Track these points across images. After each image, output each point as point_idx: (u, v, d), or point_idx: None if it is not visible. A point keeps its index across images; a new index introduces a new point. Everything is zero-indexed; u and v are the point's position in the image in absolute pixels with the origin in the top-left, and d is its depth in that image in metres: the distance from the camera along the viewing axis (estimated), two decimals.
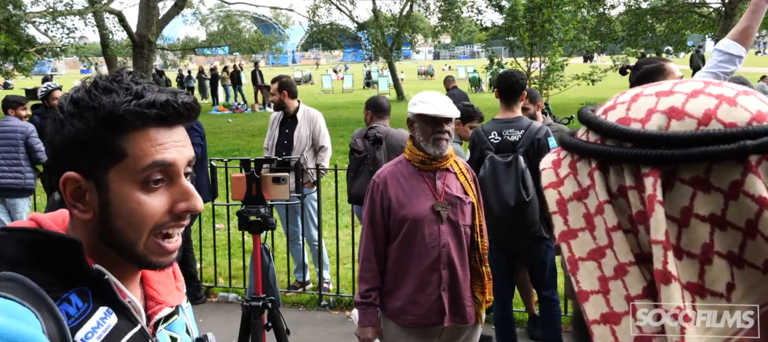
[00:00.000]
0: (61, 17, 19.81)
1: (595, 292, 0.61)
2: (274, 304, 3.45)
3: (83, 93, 0.93)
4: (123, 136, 0.92)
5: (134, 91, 0.92)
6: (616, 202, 0.62)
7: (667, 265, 0.57)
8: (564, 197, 0.66)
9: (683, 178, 0.58)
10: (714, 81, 0.64)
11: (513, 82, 3.98)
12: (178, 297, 1.11)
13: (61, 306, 0.90)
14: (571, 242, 0.64)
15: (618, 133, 0.61)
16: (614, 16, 23.57)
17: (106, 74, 0.96)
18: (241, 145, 14.10)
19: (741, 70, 9.74)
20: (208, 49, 29.80)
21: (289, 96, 5.45)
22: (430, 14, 28.30)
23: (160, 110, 0.92)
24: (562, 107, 16.94)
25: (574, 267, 0.63)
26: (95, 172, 0.93)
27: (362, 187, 4.65)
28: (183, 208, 0.96)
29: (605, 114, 0.65)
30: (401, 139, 4.78)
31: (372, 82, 32.98)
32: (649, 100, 0.62)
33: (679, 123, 0.59)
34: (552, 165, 0.69)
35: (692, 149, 0.57)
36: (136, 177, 0.92)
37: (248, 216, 3.40)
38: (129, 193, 0.93)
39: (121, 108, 0.90)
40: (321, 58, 71.41)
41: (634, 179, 0.60)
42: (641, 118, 0.61)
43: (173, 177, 0.95)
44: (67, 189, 0.94)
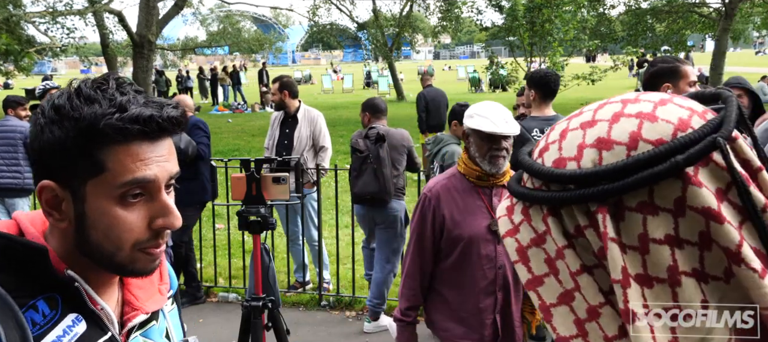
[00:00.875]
0: (61, 17, 19.80)
1: (574, 336, 0.61)
2: (274, 304, 3.45)
3: (65, 100, 0.88)
4: (103, 149, 0.87)
5: (118, 103, 0.87)
6: (576, 242, 0.62)
7: (628, 303, 0.57)
8: (523, 245, 0.65)
9: (631, 206, 0.58)
10: (630, 97, 0.63)
11: (551, 79, 4.02)
12: (157, 301, 1.07)
13: (27, 313, 0.88)
14: (539, 289, 0.63)
15: (557, 178, 0.61)
16: (614, 16, 23.56)
17: (92, 79, 0.91)
18: (241, 145, 14.10)
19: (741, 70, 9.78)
20: (208, 49, 29.80)
21: (290, 96, 5.45)
22: (430, 14, 28.30)
23: (143, 126, 0.87)
24: (562, 107, 16.92)
25: (547, 314, 0.63)
26: (72, 183, 0.89)
27: (365, 187, 4.65)
28: (160, 224, 0.92)
29: (541, 156, 0.65)
30: (401, 138, 4.79)
31: (372, 82, 32.99)
32: (576, 134, 0.62)
33: (610, 153, 0.59)
34: (506, 212, 0.68)
35: (628, 178, 0.57)
36: (114, 192, 0.89)
37: (248, 216, 3.40)
38: (106, 207, 0.89)
39: (103, 121, 0.86)
40: (321, 58, 71.44)
41: (587, 218, 0.60)
42: (574, 155, 0.61)
43: (153, 192, 0.91)
44: (42, 196, 0.91)
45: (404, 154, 4.78)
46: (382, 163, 4.58)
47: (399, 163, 4.73)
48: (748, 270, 0.55)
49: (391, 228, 4.77)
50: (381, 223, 4.80)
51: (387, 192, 4.60)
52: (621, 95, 0.64)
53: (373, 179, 4.60)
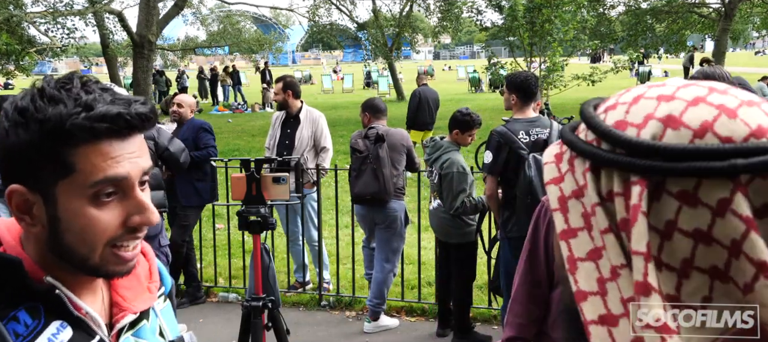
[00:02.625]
0: (62, 17, 19.80)
1: (594, 293, 0.61)
2: (274, 304, 3.45)
3: (28, 101, 0.85)
4: (71, 150, 0.85)
5: (83, 102, 0.84)
6: (605, 205, 0.61)
7: (647, 277, 0.56)
8: (565, 194, 0.65)
9: (671, 191, 0.57)
10: (719, 87, 0.62)
11: (531, 82, 4.03)
12: (146, 300, 1.05)
13: (9, 325, 0.86)
14: (571, 241, 0.63)
15: (612, 138, 0.60)
16: (614, 16, 23.57)
17: (56, 79, 0.88)
18: (241, 145, 14.10)
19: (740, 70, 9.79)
20: (208, 49, 29.79)
21: (293, 96, 5.46)
22: (430, 14, 28.29)
23: (110, 124, 0.85)
24: (561, 107, 16.94)
25: (573, 266, 0.62)
26: (41, 186, 0.87)
27: (364, 187, 4.65)
28: (137, 221, 0.90)
29: (606, 112, 0.64)
30: (400, 138, 4.79)
31: (372, 82, 32.98)
32: (649, 103, 0.61)
33: (674, 133, 0.58)
34: (554, 159, 0.68)
35: (681, 163, 0.56)
36: (86, 192, 0.86)
37: (248, 216, 3.41)
38: (79, 208, 0.87)
39: (68, 121, 0.83)
40: (321, 58, 71.41)
41: (623, 186, 0.59)
42: (638, 123, 0.60)
43: (127, 190, 0.89)
44: (12, 201, 0.88)
45: (403, 154, 4.78)
46: (382, 163, 4.58)
47: (398, 163, 4.73)
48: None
49: (391, 228, 4.77)
50: (381, 223, 4.80)
51: (386, 192, 4.60)
52: (711, 83, 0.63)
53: (373, 179, 4.61)
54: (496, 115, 16.45)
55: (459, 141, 4.41)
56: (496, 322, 4.87)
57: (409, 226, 5.18)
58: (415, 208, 5.44)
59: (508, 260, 4.03)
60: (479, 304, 5.06)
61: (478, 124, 4.42)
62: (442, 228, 4.51)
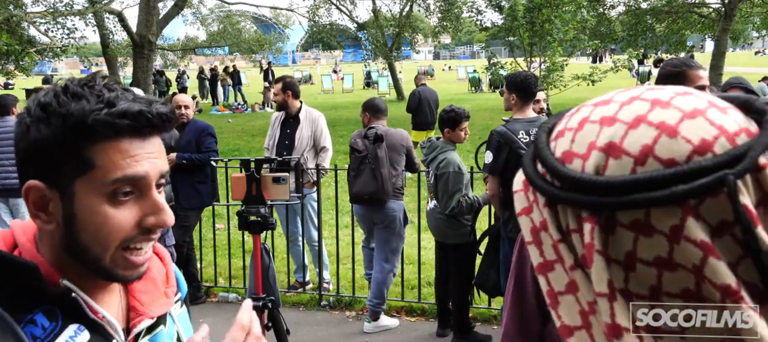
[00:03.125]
0: (62, 17, 19.80)
1: (578, 327, 0.59)
2: (274, 304, 3.45)
3: (52, 97, 0.86)
4: (92, 146, 0.86)
5: (106, 99, 0.86)
6: (567, 241, 0.60)
7: (616, 318, 0.55)
8: (535, 225, 0.63)
9: (623, 223, 0.56)
10: (664, 97, 0.59)
11: (531, 82, 4.05)
12: (163, 305, 1.05)
13: (26, 328, 0.86)
14: (549, 275, 0.61)
15: (558, 174, 0.59)
16: (614, 16, 23.57)
17: (79, 79, 0.90)
18: (241, 145, 14.11)
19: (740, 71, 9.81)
20: (208, 49, 29.79)
21: (293, 96, 5.46)
22: (430, 14, 28.29)
23: (132, 121, 0.86)
24: (561, 107, 16.92)
25: (554, 301, 0.61)
26: (60, 182, 0.87)
27: (363, 187, 4.65)
28: (152, 222, 0.90)
29: (556, 140, 0.63)
30: (400, 139, 4.79)
31: (372, 82, 32.98)
32: (592, 129, 0.59)
33: (616, 162, 0.56)
34: (523, 186, 0.65)
35: (623, 197, 0.54)
36: (104, 189, 0.87)
37: (248, 216, 3.41)
38: (95, 206, 0.87)
39: (91, 116, 0.84)
40: (321, 58, 71.38)
41: (577, 222, 0.58)
42: (583, 153, 0.59)
43: (144, 190, 0.90)
44: (29, 197, 0.89)
45: (403, 154, 4.78)
46: (380, 163, 4.58)
47: (397, 164, 4.73)
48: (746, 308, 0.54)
49: (390, 228, 4.77)
50: (379, 223, 4.80)
51: (385, 192, 4.60)
52: (656, 91, 0.60)
53: (371, 179, 4.61)
54: (496, 115, 16.46)
55: (453, 138, 4.41)
56: (496, 322, 4.87)
57: (409, 226, 5.18)
58: (415, 209, 5.44)
59: (509, 259, 4.03)
60: (479, 304, 5.06)
61: (465, 117, 4.40)
62: (438, 229, 4.51)
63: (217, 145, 5.45)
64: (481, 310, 5.04)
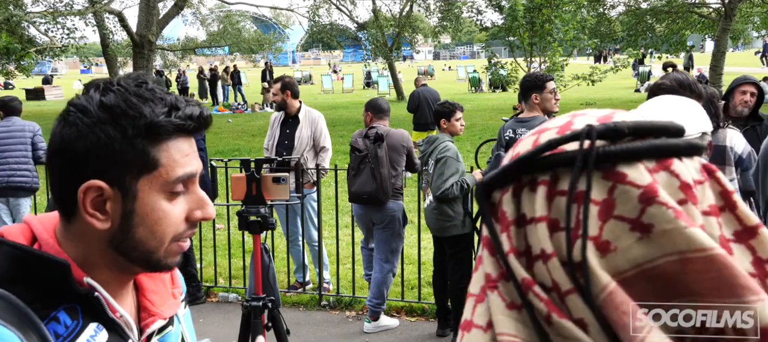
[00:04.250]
0: (62, 17, 19.80)
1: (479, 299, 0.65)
2: (274, 304, 3.45)
3: (117, 99, 0.89)
4: (157, 146, 0.90)
5: (169, 102, 0.91)
6: None
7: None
8: None
9: None
10: (561, 121, 0.64)
11: (525, 80, 4.15)
12: (172, 306, 1.07)
13: (50, 325, 0.87)
14: None
15: None
16: (614, 16, 23.57)
17: (127, 79, 0.93)
18: (241, 145, 14.10)
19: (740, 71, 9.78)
20: (208, 49, 29.79)
21: (292, 96, 5.46)
22: (430, 14, 28.29)
23: (195, 122, 0.93)
24: (562, 107, 16.91)
25: None
26: (123, 181, 0.90)
27: (362, 186, 4.66)
28: (199, 216, 0.96)
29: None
30: (401, 139, 4.79)
31: (372, 82, 32.99)
32: (527, 141, 0.66)
33: None
34: None
35: None
36: (167, 187, 0.92)
37: (248, 216, 3.41)
38: (156, 203, 0.92)
39: (163, 119, 0.89)
40: (321, 58, 71.38)
41: None
42: None
43: (191, 186, 0.96)
44: (87, 198, 0.89)
45: (403, 154, 4.78)
46: (380, 163, 4.59)
47: (398, 164, 4.74)
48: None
49: (389, 228, 4.77)
50: (379, 224, 4.80)
51: (384, 192, 4.60)
52: (594, 111, 0.66)
53: (371, 179, 4.61)
54: (496, 115, 16.47)
55: (450, 130, 4.47)
56: None
57: (409, 226, 5.18)
58: (415, 209, 5.45)
59: None
60: None
61: (459, 108, 4.53)
62: (436, 223, 4.51)
63: (219, 144, 5.43)
64: None
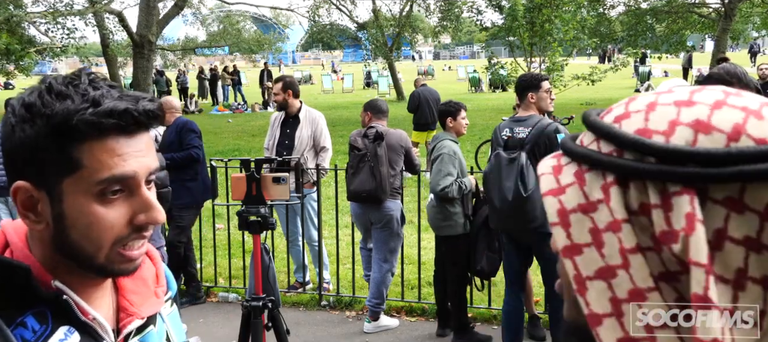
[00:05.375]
0: (62, 17, 19.80)
1: (608, 315, 0.57)
2: (274, 304, 3.45)
3: (36, 97, 0.85)
4: (78, 146, 0.84)
5: (91, 98, 0.84)
6: (635, 220, 0.57)
7: (708, 291, 0.53)
8: (566, 208, 0.60)
9: (715, 199, 0.54)
10: (732, 91, 0.59)
11: (521, 80, 4.14)
12: (154, 305, 1.04)
13: (17, 331, 0.85)
14: (576, 259, 0.59)
15: (640, 147, 0.56)
16: (614, 16, 23.57)
17: (64, 76, 0.88)
18: (241, 145, 14.10)
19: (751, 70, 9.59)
20: (208, 49, 29.79)
21: (293, 96, 5.47)
22: (430, 14, 28.28)
23: (118, 120, 0.84)
24: (562, 107, 16.93)
25: (582, 287, 0.58)
26: (47, 183, 0.86)
27: (361, 185, 4.66)
28: (143, 220, 0.90)
29: (617, 122, 0.60)
30: (399, 139, 4.80)
31: (372, 82, 32.98)
32: (668, 110, 0.58)
33: (707, 138, 0.55)
34: (552, 171, 0.64)
35: (726, 168, 0.53)
36: (93, 189, 0.85)
37: (248, 216, 3.41)
38: (84, 206, 0.86)
39: (76, 117, 0.83)
40: (321, 58, 71.35)
41: (661, 197, 0.56)
42: (664, 130, 0.57)
43: (133, 188, 0.89)
44: (17, 198, 0.88)
45: (401, 154, 4.78)
46: (380, 161, 4.59)
47: (396, 163, 4.74)
48: None
49: (387, 227, 4.77)
50: (377, 223, 4.80)
51: (383, 191, 4.60)
52: (719, 87, 0.60)
53: (370, 177, 4.62)
54: (496, 114, 16.46)
55: (457, 128, 4.50)
56: (496, 322, 4.87)
57: (409, 226, 5.19)
58: (415, 208, 5.45)
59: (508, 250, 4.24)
60: (479, 304, 5.06)
61: (463, 107, 4.58)
62: (434, 222, 4.52)
63: (219, 144, 5.42)
64: (481, 310, 5.04)
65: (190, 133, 5.25)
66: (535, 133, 3.83)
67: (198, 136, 5.33)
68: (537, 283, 4.79)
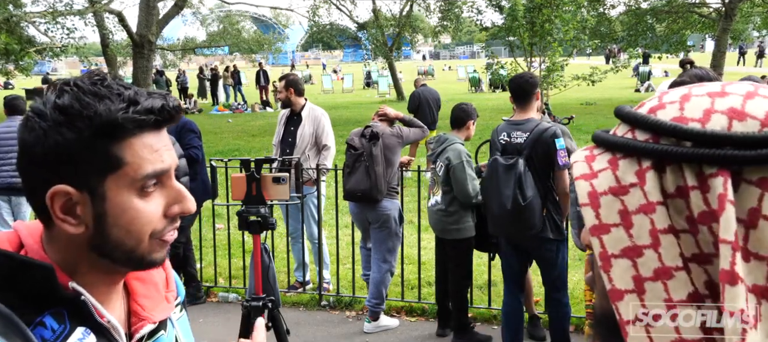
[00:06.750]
0: (61, 17, 19.78)
1: (629, 291, 0.60)
2: (274, 304, 3.45)
3: (71, 99, 0.85)
4: (119, 144, 0.87)
5: (127, 97, 0.87)
6: (671, 202, 0.60)
7: (735, 266, 0.55)
8: (597, 190, 0.63)
9: (750, 180, 0.57)
10: (761, 84, 0.62)
11: (522, 83, 4.01)
12: (165, 310, 1.05)
13: (36, 330, 0.86)
14: (603, 237, 0.62)
15: (678, 133, 0.59)
16: (614, 16, 23.56)
17: (85, 77, 0.89)
18: (241, 145, 14.10)
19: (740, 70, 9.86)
20: (208, 49, 29.78)
21: (296, 94, 5.48)
22: (430, 14, 28.29)
23: (157, 115, 0.89)
24: (562, 107, 16.94)
25: (607, 264, 0.61)
26: (89, 183, 0.87)
27: (356, 184, 4.66)
28: (177, 210, 0.94)
29: (653, 113, 0.63)
30: (393, 134, 4.81)
31: (372, 82, 32.99)
32: (702, 100, 0.61)
33: (741, 124, 0.58)
34: (585, 159, 0.67)
35: (761, 150, 0.56)
36: (135, 184, 0.89)
37: (248, 216, 3.41)
38: (127, 201, 0.89)
39: (119, 115, 0.85)
40: (321, 58, 71.36)
41: (697, 179, 0.58)
42: (699, 118, 0.60)
43: (166, 181, 0.93)
44: (55, 204, 0.87)
45: (398, 151, 4.79)
46: (375, 161, 4.59)
47: (392, 163, 4.74)
48: None
49: (385, 227, 4.77)
50: (374, 223, 4.80)
51: (378, 190, 4.60)
52: (749, 81, 0.64)
53: (365, 177, 4.62)
54: (496, 115, 16.45)
55: (469, 134, 4.52)
56: (496, 322, 4.87)
57: (409, 226, 5.19)
58: (415, 208, 5.44)
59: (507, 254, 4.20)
60: (479, 304, 5.06)
61: (476, 112, 4.62)
62: (440, 224, 4.50)
63: (219, 144, 5.42)
64: (481, 310, 5.04)
65: (189, 133, 5.25)
66: (533, 138, 3.79)
67: (198, 137, 5.33)
68: (537, 283, 4.79)
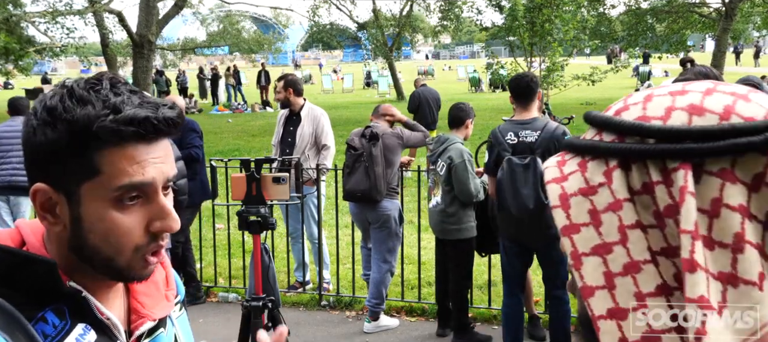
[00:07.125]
0: (61, 17, 19.78)
1: (600, 287, 0.62)
2: (274, 304, 3.45)
3: (57, 101, 0.85)
4: (98, 152, 0.85)
5: (112, 104, 0.84)
6: (638, 199, 0.62)
7: (694, 254, 0.57)
8: (567, 192, 0.65)
9: (711, 171, 0.59)
10: (721, 82, 0.64)
11: (525, 83, 4.00)
12: (164, 308, 1.05)
13: (37, 325, 0.86)
14: (574, 237, 0.63)
15: (641, 131, 0.61)
16: (614, 16, 23.56)
17: (85, 79, 0.88)
18: (241, 145, 14.10)
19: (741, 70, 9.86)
20: (208, 49, 29.79)
21: (294, 94, 5.47)
22: (430, 14, 28.30)
23: (138, 128, 0.85)
24: (562, 107, 16.93)
25: (578, 262, 0.63)
26: (66, 186, 0.87)
27: (356, 184, 4.67)
28: (158, 227, 0.90)
29: (617, 114, 0.65)
30: (394, 135, 4.81)
31: (372, 82, 32.99)
32: (665, 99, 0.63)
33: (701, 119, 0.60)
34: (556, 164, 0.69)
35: (719, 142, 0.58)
36: (110, 194, 0.86)
37: (248, 216, 3.41)
38: (102, 211, 0.87)
39: (96, 123, 0.83)
40: (321, 58, 71.38)
41: (661, 174, 0.60)
42: (661, 115, 0.62)
43: (150, 195, 0.89)
44: (36, 199, 0.89)
45: (398, 151, 4.79)
46: (375, 161, 4.59)
47: (393, 163, 4.74)
48: None
49: (385, 227, 4.77)
50: (374, 223, 4.80)
51: (377, 191, 4.60)
52: (709, 81, 0.66)
53: (365, 177, 4.62)
54: (496, 115, 16.46)
55: (468, 133, 4.52)
56: (496, 322, 4.87)
57: (410, 226, 5.19)
58: (415, 208, 5.44)
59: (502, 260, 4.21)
60: (479, 304, 5.06)
61: (473, 111, 4.63)
62: (440, 225, 4.50)
63: (219, 144, 5.42)
64: (481, 310, 5.04)
65: (191, 133, 5.24)
66: (545, 137, 3.78)
67: (199, 136, 5.33)
68: (537, 283, 4.79)
